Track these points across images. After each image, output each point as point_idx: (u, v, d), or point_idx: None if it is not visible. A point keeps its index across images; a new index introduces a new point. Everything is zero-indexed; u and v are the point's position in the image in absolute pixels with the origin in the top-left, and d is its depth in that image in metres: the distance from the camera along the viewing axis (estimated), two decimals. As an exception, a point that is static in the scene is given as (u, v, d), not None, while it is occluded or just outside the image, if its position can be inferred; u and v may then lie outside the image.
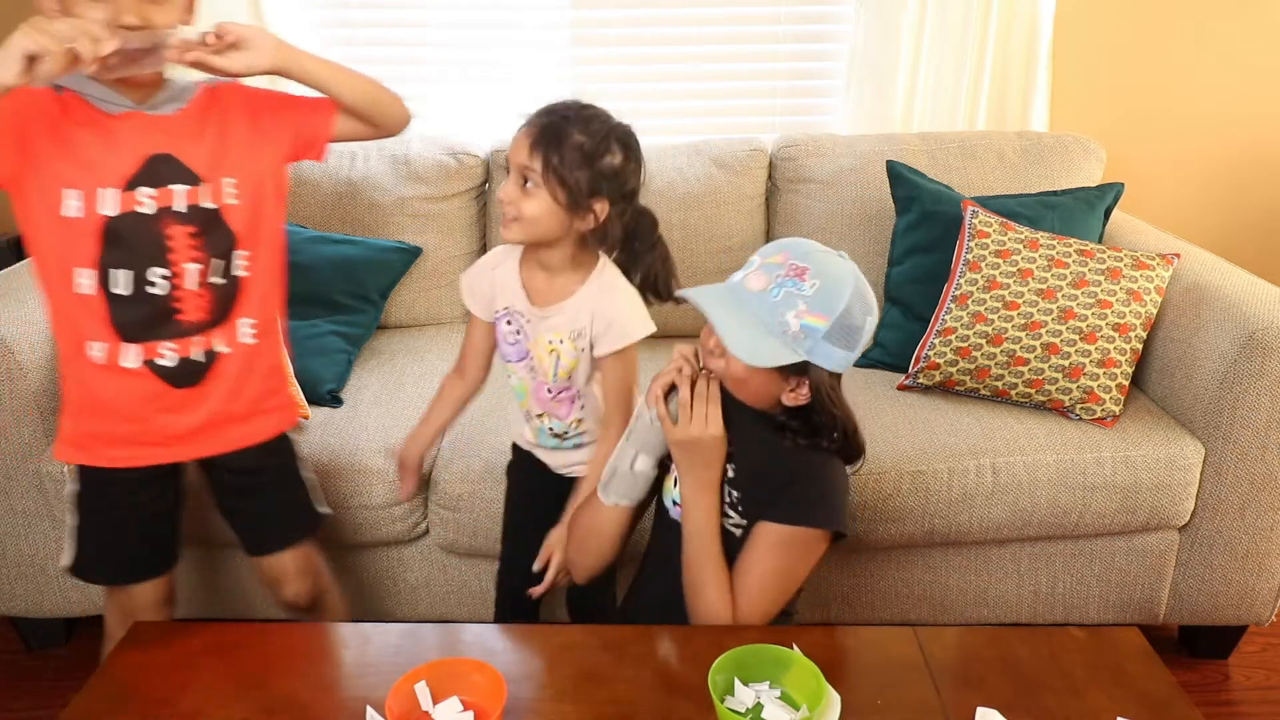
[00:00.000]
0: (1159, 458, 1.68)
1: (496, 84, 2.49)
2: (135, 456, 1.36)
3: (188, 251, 1.28)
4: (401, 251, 2.16)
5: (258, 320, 1.37)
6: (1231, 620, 1.81)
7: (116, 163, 1.24)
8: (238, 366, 1.36)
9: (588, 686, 1.13)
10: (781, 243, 1.21)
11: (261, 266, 1.37)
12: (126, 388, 1.31)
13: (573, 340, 1.42)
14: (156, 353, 1.30)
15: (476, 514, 1.68)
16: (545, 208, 1.34)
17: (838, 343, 1.16)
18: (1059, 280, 1.79)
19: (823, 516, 1.20)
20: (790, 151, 2.24)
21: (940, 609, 1.80)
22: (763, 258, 1.20)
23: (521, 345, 1.46)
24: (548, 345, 1.43)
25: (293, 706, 1.09)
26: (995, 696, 1.09)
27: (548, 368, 1.43)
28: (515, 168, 1.37)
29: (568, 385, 1.45)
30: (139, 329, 1.29)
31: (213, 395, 1.35)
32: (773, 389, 1.20)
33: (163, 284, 1.28)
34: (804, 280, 1.15)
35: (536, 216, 1.35)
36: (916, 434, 1.73)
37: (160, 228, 1.26)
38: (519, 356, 1.47)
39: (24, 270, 1.87)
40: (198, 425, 1.36)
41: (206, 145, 1.30)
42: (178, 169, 1.27)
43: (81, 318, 1.29)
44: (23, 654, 1.93)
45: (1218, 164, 2.57)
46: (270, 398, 1.43)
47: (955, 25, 2.33)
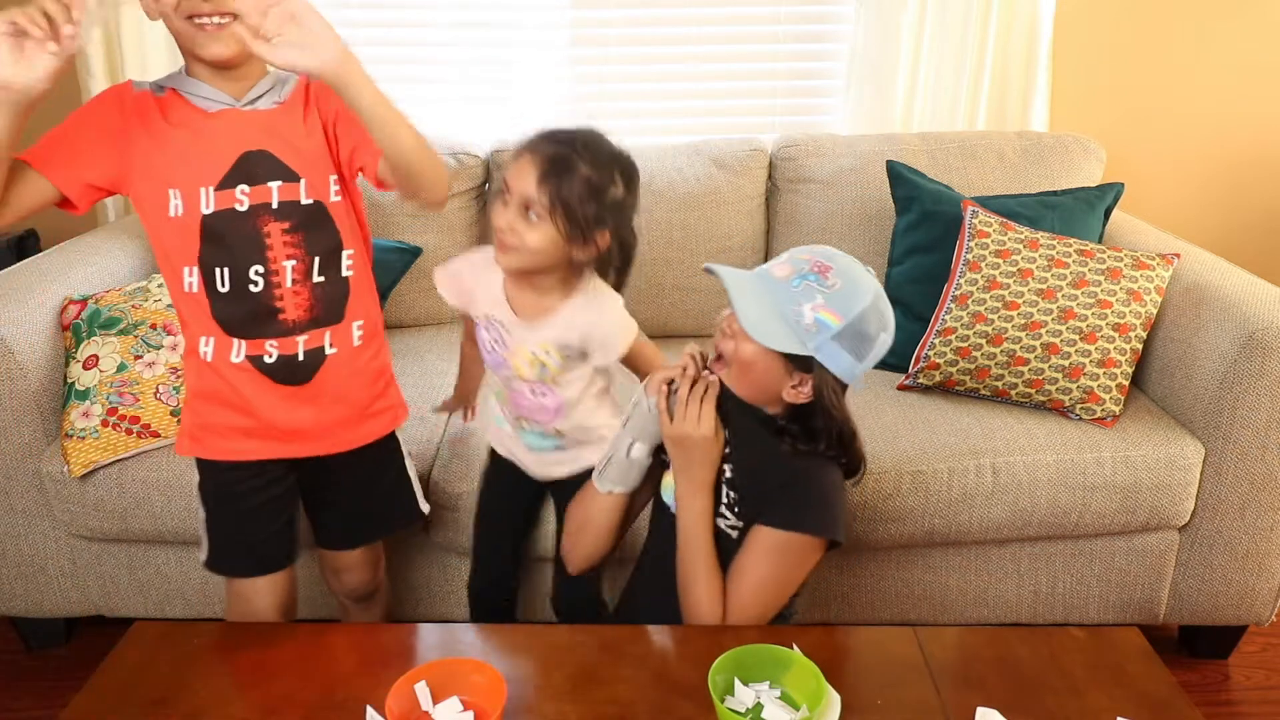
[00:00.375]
0: (1159, 458, 1.68)
1: (496, 84, 2.49)
2: (245, 450, 1.36)
3: (285, 249, 1.28)
4: (401, 251, 2.16)
5: (365, 322, 1.38)
6: (1231, 620, 1.81)
7: (213, 161, 1.25)
8: (346, 368, 1.36)
9: (587, 686, 1.13)
10: (814, 246, 1.22)
11: (363, 268, 1.37)
12: (234, 382, 1.32)
13: (560, 351, 1.41)
14: (262, 349, 1.31)
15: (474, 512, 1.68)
16: (549, 239, 1.33)
17: (847, 347, 1.16)
18: (1059, 280, 1.79)
19: (819, 523, 1.20)
20: (790, 151, 2.24)
21: (940, 609, 1.80)
22: (792, 253, 1.22)
23: (498, 355, 1.45)
24: (530, 356, 1.42)
25: (293, 706, 1.09)
26: (995, 696, 1.09)
27: (531, 374, 1.43)
28: (518, 196, 1.33)
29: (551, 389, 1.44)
30: (242, 325, 1.30)
31: (321, 395, 1.35)
32: (776, 381, 1.20)
33: (260, 281, 1.28)
34: (826, 277, 1.16)
35: (539, 248, 1.33)
36: (916, 434, 1.73)
37: (257, 225, 1.27)
38: (496, 365, 1.47)
39: (24, 270, 1.87)
40: (307, 424, 1.36)
41: (305, 140, 1.29)
42: (274, 165, 1.27)
43: (193, 314, 1.31)
44: (23, 654, 1.93)
45: (1218, 164, 2.57)
46: (379, 399, 1.43)
47: (955, 25, 2.33)
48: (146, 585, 1.81)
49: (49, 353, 1.74)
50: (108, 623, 1.86)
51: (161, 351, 1.73)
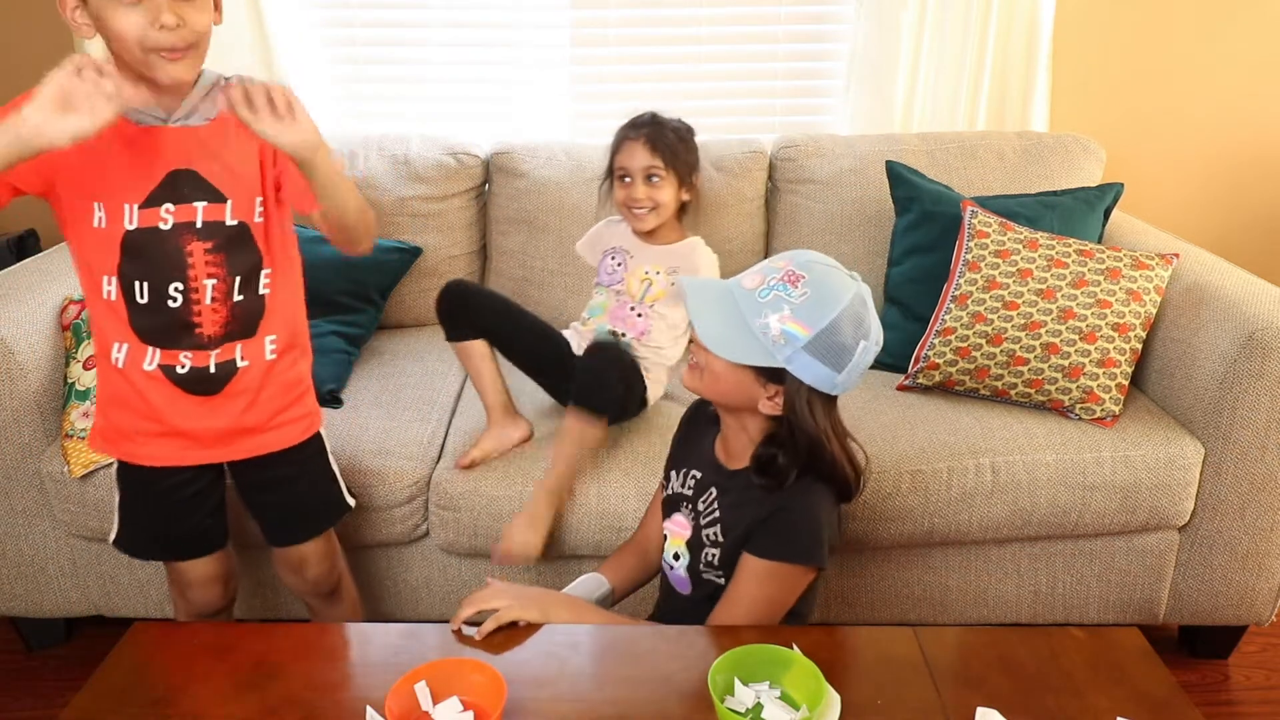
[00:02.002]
0: (1159, 457, 1.68)
1: (496, 84, 2.49)
2: (156, 455, 1.37)
3: (206, 268, 1.29)
4: (401, 251, 2.16)
5: (279, 336, 1.39)
6: (1231, 620, 1.81)
7: (139, 178, 1.26)
8: (257, 380, 1.37)
9: (588, 686, 1.13)
10: (792, 252, 1.22)
11: (283, 284, 1.38)
12: (144, 390, 1.33)
13: (667, 274, 1.87)
14: (176, 360, 1.32)
15: (476, 513, 1.68)
16: (673, 191, 1.87)
17: (820, 357, 1.15)
18: (1059, 280, 1.79)
19: (803, 552, 1.20)
20: (790, 152, 2.24)
21: (940, 609, 1.80)
22: (767, 261, 1.22)
23: (619, 274, 1.92)
24: (643, 274, 1.88)
25: (293, 706, 1.09)
26: (995, 696, 1.09)
27: (636, 291, 1.88)
28: (639, 170, 1.84)
29: (647, 309, 1.87)
30: (157, 336, 1.31)
31: (230, 406, 1.36)
32: (748, 391, 1.20)
33: (179, 298, 1.29)
34: (795, 287, 1.15)
35: (669, 199, 1.86)
36: (916, 433, 1.73)
37: (179, 243, 1.28)
38: (612, 282, 1.92)
39: (24, 270, 1.87)
40: (216, 432, 1.37)
41: (231, 160, 1.30)
42: (199, 185, 1.28)
43: (108, 321, 1.32)
44: (23, 654, 1.93)
45: (1218, 164, 2.57)
46: (291, 408, 1.44)
47: (955, 25, 2.33)
48: (146, 585, 1.81)
49: (49, 353, 1.74)
50: (108, 623, 1.86)
51: (161, 351, 1.72)
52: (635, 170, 1.85)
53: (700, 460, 1.33)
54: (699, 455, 1.34)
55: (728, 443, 1.30)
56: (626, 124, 1.91)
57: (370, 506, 1.68)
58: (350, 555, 1.76)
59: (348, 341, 2.00)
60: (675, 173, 1.85)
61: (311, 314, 1.96)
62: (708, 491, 1.30)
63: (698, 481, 1.32)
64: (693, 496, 1.32)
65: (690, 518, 1.31)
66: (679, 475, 1.35)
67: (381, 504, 1.68)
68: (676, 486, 1.35)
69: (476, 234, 2.28)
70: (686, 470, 1.34)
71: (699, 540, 1.29)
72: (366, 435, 1.76)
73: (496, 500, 1.67)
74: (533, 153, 2.23)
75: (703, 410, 1.39)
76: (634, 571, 1.44)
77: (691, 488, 1.32)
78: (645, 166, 1.83)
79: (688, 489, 1.33)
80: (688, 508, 1.32)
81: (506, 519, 1.66)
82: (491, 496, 1.67)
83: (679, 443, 1.42)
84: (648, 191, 1.84)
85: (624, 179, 1.87)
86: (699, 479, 1.32)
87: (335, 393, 1.89)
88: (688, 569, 1.32)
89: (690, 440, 1.38)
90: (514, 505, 1.66)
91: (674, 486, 1.36)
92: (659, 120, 1.89)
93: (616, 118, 2.54)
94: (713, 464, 1.32)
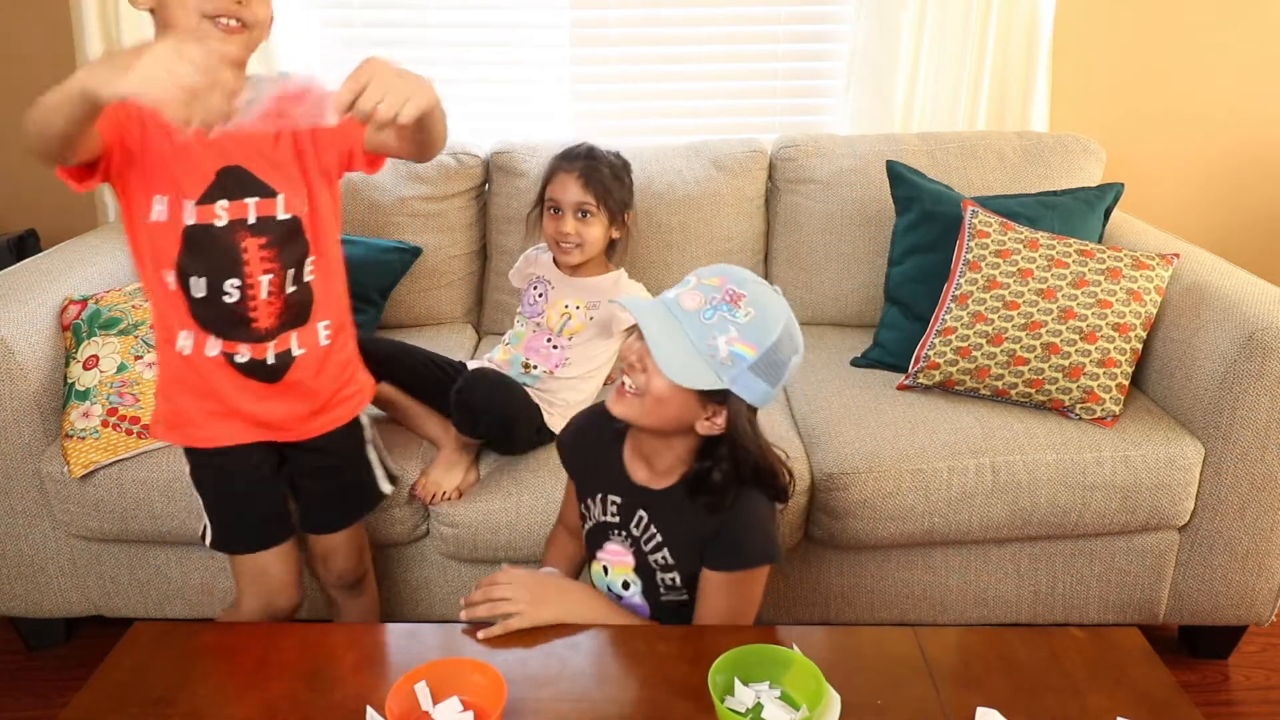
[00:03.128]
0: (1159, 457, 1.68)
1: (496, 84, 2.49)
2: (221, 435, 1.40)
3: (261, 264, 1.31)
4: (401, 251, 2.16)
5: (331, 320, 1.41)
6: (1231, 620, 1.81)
7: (194, 174, 1.27)
8: (314, 366, 1.40)
9: (588, 686, 1.13)
10: (719, 267, 1.21)
11: (327, 268, 1.40)
12: (209, 374, 1.36)
13: (587, 309, 1.82)
14: (235, 349, 1.34)
15: (475, 529, 1.68)
16: (602, 228, 1.80)
17: (762, 375, 1.16)
18: (1059, 280, 1.79)
19: (759, 555, 1.22)
20: (790, 152, 2.24)
21: (940, 609, 1.80)
22: (699, 278, 1.19)
23: (539, 305, 1.86)
24: (563, 308, 1.82)
25: (293, 706, 1.09)
26: (995, 696, 1.09)
27: (555, 323, 1.82)
28: (570, 205, 1.78)
29: (564, 343, 1.82)
30: (216, 326, 1.34)
31: (291, 392, 1.39)
32: (689, 414, 1.19)
33: (236, 293, 1.31)
34: (739, 307, 1.15)
35: (598, 237, 1.80)
36: (916, 433, 1.73)
37: (234, 240, 1.29)
38: (533, 314, 1.87)
39: (24, 270, 1.87)
40: (277, 416, 1.41)
41: (279, 155, 1.32)
42: (250, 181, 1.30)
43: (170, 310, 1.34)
44: (23, 654, 1.93)
45: (1218, 164, 2.57)
46: (346, 386, 1.47)
47: (955, 25, 2.33)
48: (146, 585, 1.81)
49: (49, 353, 1.74)
50: (108, 623, 1.86)
51: (161, 351, 1.73)
52: (566, 204, 1.78)
53: (614, 484, 1.30)
54: (610, 479, 1.30)
55: (650, 463, 1.27)
56: (560, 154, 1.84)
57: (370, 506, 1.68)
58: (350, 555, 1.76)
59: (348, 341, 2.00)
60: (607, 210, 1.78)
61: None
62: (636, 515, 1.28)
63: (620, 506, 1.30)
64: (620, 523, 1.30)
65: (627, 545, 1.30)
66: (596, 503, 1.32)
67: (382, 505, 1.68)
68: (599, 515, 1.32)
69: (476, 234, 2.28)
70: (602, 496, 1.31)
71: (647, 567, 1.28)
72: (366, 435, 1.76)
73: (495, 513, 1.67)
74: (533, 153, 2.23)
75: (585, 436, 1.37)
76: (576, 553, 1.46)
77: (616, 514, 1.30)
78: (577, 202, 1.77)
79: (612, 516, 1.30)
80: (619, 534, 1.30)
81: (505, 530, 1.67)
82: (490, 510, 1.68)
83: (578, 473, 1.38)
84: (577, 227, 1.77)
85: (554, 211, 1.80)
86: (621, 504, 1.29)
87: (335, 393, 1.89)
88: (643, 594, 1.31)
89: (590, 467, 1.35)
90: (511, 517, 1.68)
91: (595, 516, 1.33)
92: (595, 154, 1.82)
93: (616, 118, 2.55)
94: (630, 487, 1.29)
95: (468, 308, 2.28)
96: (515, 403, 1.71)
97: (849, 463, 1.67)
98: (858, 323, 2.22)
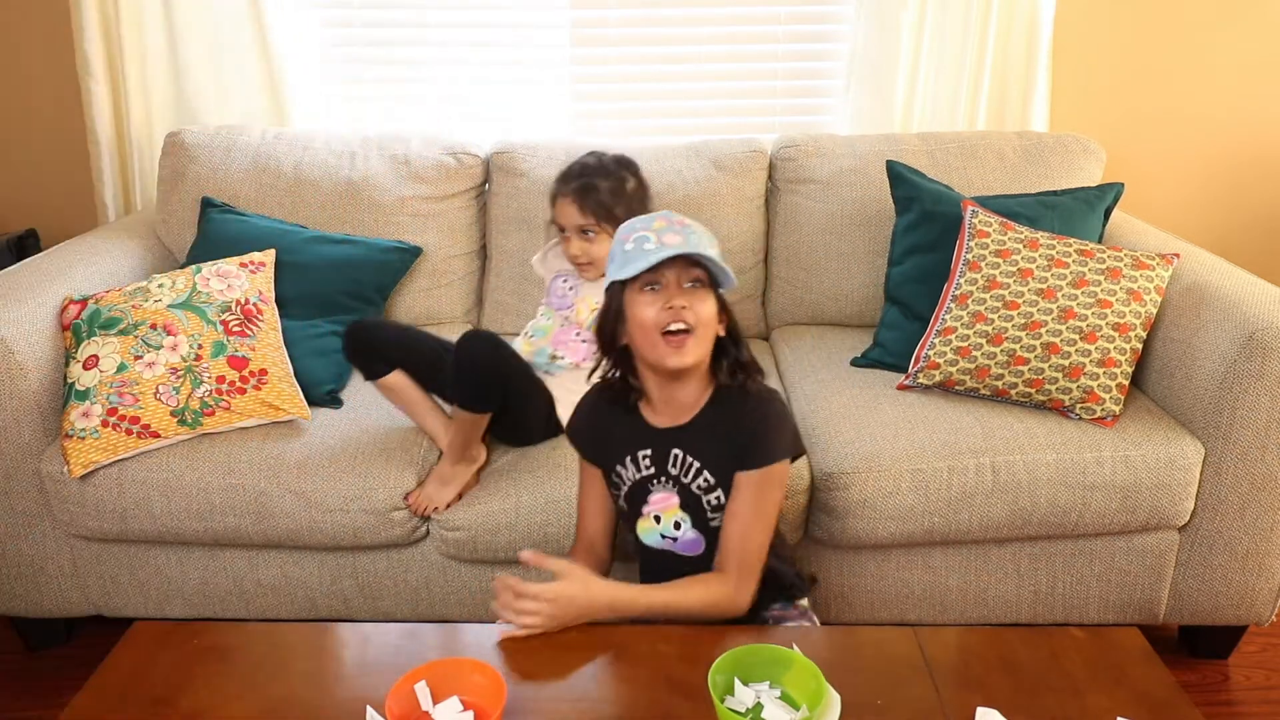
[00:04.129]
0: (1159, 457, 1.68)
1: (496, 84, 2.49)
2: None
3: None
4: (401, 251, 2.16)
5: None
6: (1231, 620, 1.81)
7: None
8: None
9: (588, 686, 1.13)
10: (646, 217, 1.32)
11: None
12: None
13: None
14: None
15: (475, 530, 1.69)
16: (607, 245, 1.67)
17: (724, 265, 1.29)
18: (1059, 280, 1.79)
19: (785, 447, 1.31)
20: (790, 152, 2.24)
21: (940, 609, 1.80)
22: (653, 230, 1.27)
23: (569, 299, 1.90)
24: (593, 304, 1.81)
25: (293, 706, 1.09)
26: (995, 696, 1.09)
27: (585, 318, 1.84)
28: (574, 229, 1.81)
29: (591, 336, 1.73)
30: None
31: None
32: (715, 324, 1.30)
33: None
34: (690, 224, 1.29)
35: (604, 254, 1.72)
36: (916, 433, 1.73)
37: None
38: (561, 306, 1.90)
39: (24, 270, 1.87)
40: None
41: None
42: None
43: None
44: (23, 654, 1.93)
45: (1218, 164, 2.57)
46: None
47: (955, 25, 2.34)
48: (146, 585, 1.81)
49: (49, 353, 1.74)
50: (108, 623, 1.86)
51: (161, 352, 1.72)
52: (569, 228, 1.82)
53: (640, 441, 1.36)
54: (634, 438, 1.37)
55: (671, 405, 1.35)
56: (560, 175, 1.87)
57: (371, 509, 1.68)
58: (350, 556, 1.76)
59: (348, 341, 2.00)
60: (612, 223, 1.76)
61: (311, 314, 1.99)
62: (670, 456, 1.34)
63: (652, 456, 1.35)
64: (656, 471, 1.35)
65: (670, 488, 1.35)
66: (629, 465, 1.38)
67: (382, 507, 1.68)
68: (634, 475, 1.37)
69: (476, 234, 2.28)
70: (631, 455, 1.37)
71: (692, 497, 1.33)
72: (366, 436, 1.76)
73: (495, 514, 1.67)
74: (533, 152, 2.23)
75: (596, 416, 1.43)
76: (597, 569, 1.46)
77: (650, 465, 1.36)
78: (577, 225, 1.80)
79: (648, 469, 1.36)
80: (658, 482, 1.35)
81: (505, 531, 1.68)
82: (490, 511, 1.68)
83: (600, 449, 1.42)
84: (583, 247, 1.81)
85: (561, 232, 1.85)
86: (653, 454, 1.35)
87: (335, 393, 1.89)
88: (694, 526, 1.35)
89: (611, 439, 1.40)
90: (511, 518, 1.68)
91: (630, 477, 1.38)
92: (589, 170, 1.83)
93: (616, 118, 2.55)
94: (657, 434, 1.35)
95: (468, 308, 2.28)
96: (515, 361, 1.71)
97: (849, 462, 1.67)
98: (858, 323, 2.22)
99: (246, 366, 1.75)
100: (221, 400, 1.72)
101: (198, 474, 1.69)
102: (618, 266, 1.29)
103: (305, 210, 2.17)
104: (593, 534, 1.46)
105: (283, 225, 2.11)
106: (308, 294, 1.99)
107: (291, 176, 2.18)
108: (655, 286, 1.28)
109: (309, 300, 1.98)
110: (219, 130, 2.25)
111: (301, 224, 2.14)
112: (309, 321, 1.96)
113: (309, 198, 2.17)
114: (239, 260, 1.92)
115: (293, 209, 2.17)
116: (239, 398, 1.73)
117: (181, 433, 1.71)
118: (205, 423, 1.72)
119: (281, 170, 2.18)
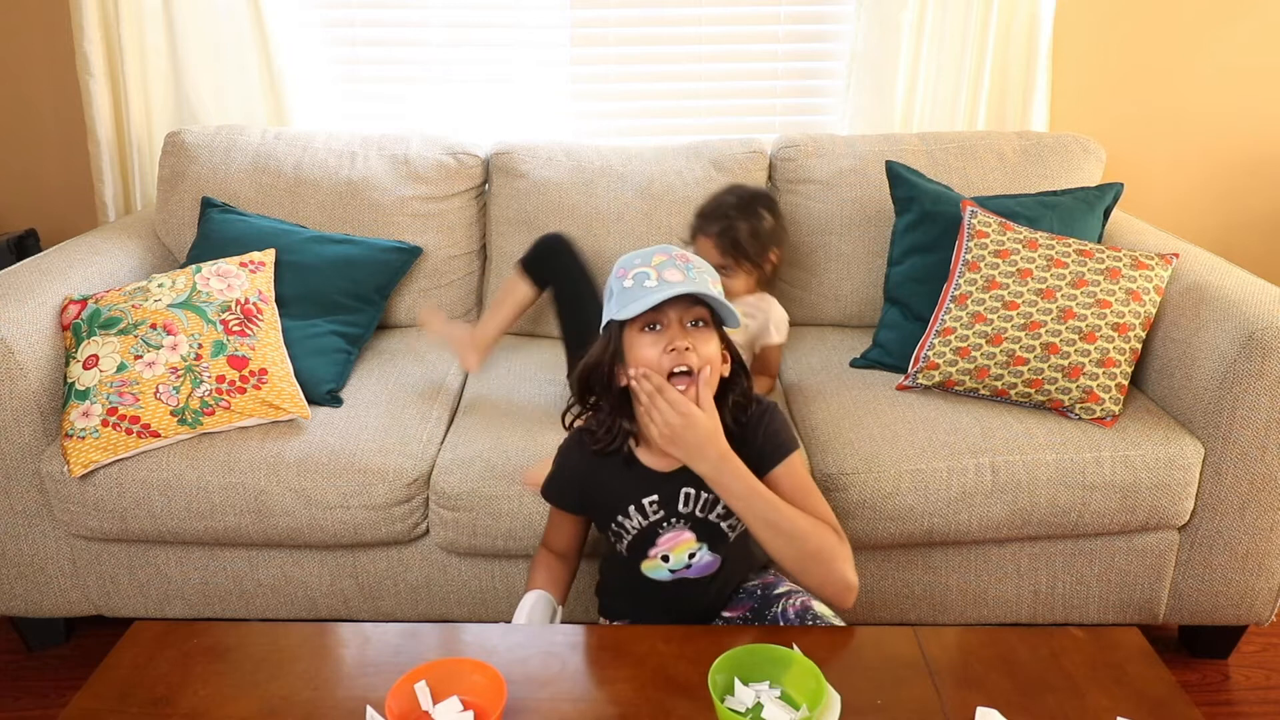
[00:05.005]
0: (1158, 457, 1.68)
1: (496, 84, 2.49)
2: None
3: None
4: (401, 251, 2.16)
5: None
6: (1231, 620, 1.81)
7: None
8: None
9: (588, 686, 1.13)
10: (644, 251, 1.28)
11: None
12: None
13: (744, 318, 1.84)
14: None
15: (476, 513, 1.68)
16: (744, 280, 1.92)
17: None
18: (1058, 280, 1.79)
19: (792, 440, 1.33)
20: (790, 152, 2.24)
21: (940, 609, 1.80)
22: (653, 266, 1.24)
23: None
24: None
25: (293, 706, 1.09)
26: (995, 696, 1.09)
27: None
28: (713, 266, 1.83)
29: None
30: None
31: None
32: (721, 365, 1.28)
33: None
34: (692, 261, 1.26)
35: (739, 290, 1.91)
36: (916, 433, 1.73)
37: None
38: None
39: (24, 270, 1.87)
40: None
41: None
42: None
43: None
44: (23, 654, 1.93)
45: (1218, 164, 2.57)
46: None
47: (955, 25, 2.34)
48: (146, 585, 1.81)
49: (49, 353, 1.74)
50: (108, 623, 1.86)
51: (161, 351, 1.72)
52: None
53: (642, 488, 1.31)
54: (635, 488, 1.31)
55: None
56: (700, 212, 1.94)
57: (371, 506, 1.68)
58: (350, 554, 1.76)
59: (347, 341, 2.00)
60: (748, 263, 1.89)
61: (311, 314, 1.99)
62: (681, 495, 1.30)
63: (659, 502, 1.31)
64: (665, 515, 1.31)
65: (683, 525, 1.32)
66: (633, 515, 1.32)
67: (381, 502, 1.68)
68: (640, 523, 1.32)
69: (476, 234, 2.28)
70: (635, 504, 1.31)
71: (708, 526, 1.32)
72: (366, 435, 1.76)
73: (496, 499, 1.67)
74: (533, 153, 2.23)
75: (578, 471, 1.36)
76: (568, 577, 1.48)
77: (659, 509, 1.31)
78: (715, 264, 1.76)
79: (655, 514, 1.32)
80: (668, 524, 1.32)
81: (506, 518, 1.67)
82: (491, 496, 1.67)
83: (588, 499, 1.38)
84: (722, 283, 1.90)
85: None
86: (660, 499, 1.31)
87: (335, 392, 1.89)
88: (711, 550, 1.34)
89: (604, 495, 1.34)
90: (513, 505, 1.67)
91: (635, 525, 1.32)
92: (729, 211, 1.89)
93: (616, 117, 2.55)
94: (662, 479, 1.31)
95: (468, 308, 2.28)
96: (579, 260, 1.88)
97: (848, 463, 1.67)
98: (857, 323, 2.22)
99: (246, 366, 1.75)
100: (221, 400, 1.72)
101: (198, 473, 1.69)
102: (617, 305, 1.24)
103: (305, 210, 2.17)
104: (563, 548, 1.47)
105: (283, 225, 2.11)
106: (308, 294, 1.99)
107: (291, 176, 2.18)
108: (656, 326, 1.23)
109: (309, 300, 1.98)
110: (219, 130, 2.25)
111: (301, 224, 2.14)
112: (309, 321, 1.96)
113: (309, 198, 2.17)
114: (239, 260, 1.92)
115: (293, 209, 2.17)
116: (239, 397, 1.73)
117: (181, 432, 1.71)
118: (205, 422, 1.72)
119: (281, 170, 2.19)
